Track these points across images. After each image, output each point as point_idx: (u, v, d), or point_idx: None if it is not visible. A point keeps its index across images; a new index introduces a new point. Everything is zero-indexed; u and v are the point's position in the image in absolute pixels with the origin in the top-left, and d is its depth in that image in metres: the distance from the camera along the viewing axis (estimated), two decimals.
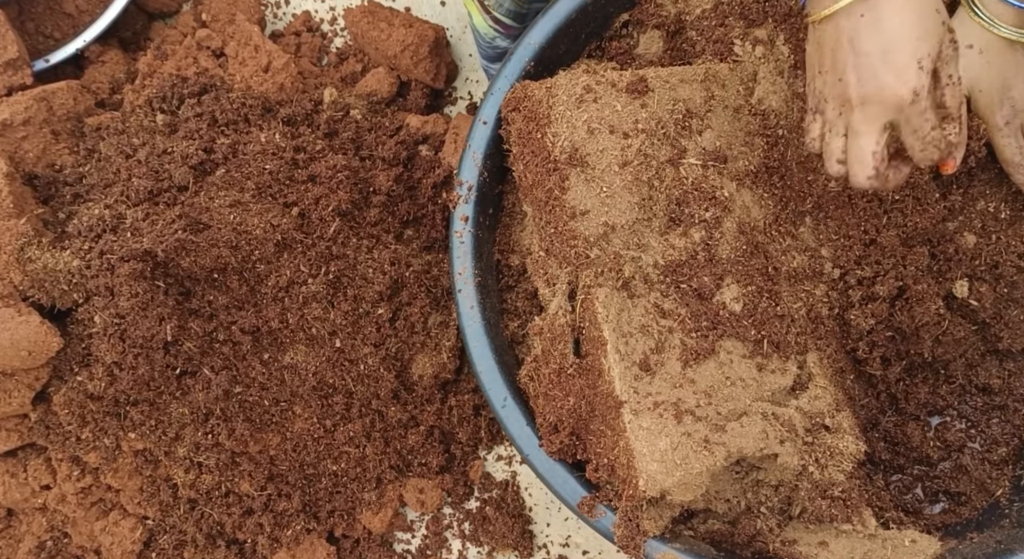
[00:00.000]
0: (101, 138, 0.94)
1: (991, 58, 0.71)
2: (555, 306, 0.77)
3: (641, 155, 0.76)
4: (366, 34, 1.06)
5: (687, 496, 0.68)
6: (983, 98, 0.73)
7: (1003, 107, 0.73)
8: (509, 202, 0.86)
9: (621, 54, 0.87)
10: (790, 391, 0.75)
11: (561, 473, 0.74)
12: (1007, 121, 0.73)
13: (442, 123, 1.05)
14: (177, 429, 0.86)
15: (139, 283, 0.77)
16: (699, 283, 0.76)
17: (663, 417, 0.69)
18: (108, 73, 1.04)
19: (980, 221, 0.79)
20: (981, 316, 0.78)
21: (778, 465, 0.70)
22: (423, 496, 0.96)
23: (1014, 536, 0.69)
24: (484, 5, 0.90)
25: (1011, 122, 0.73)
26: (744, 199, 0.78)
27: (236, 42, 1.02)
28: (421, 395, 0.95)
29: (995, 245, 0.79)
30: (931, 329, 0.76)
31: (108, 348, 0.79)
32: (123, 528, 0.91)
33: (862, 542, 0.72)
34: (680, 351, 0.73)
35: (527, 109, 0.78)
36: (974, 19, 0.71)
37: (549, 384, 0.75)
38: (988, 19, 0.70)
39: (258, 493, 0.90)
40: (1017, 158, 0.74)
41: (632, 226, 0.76)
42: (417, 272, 0.96)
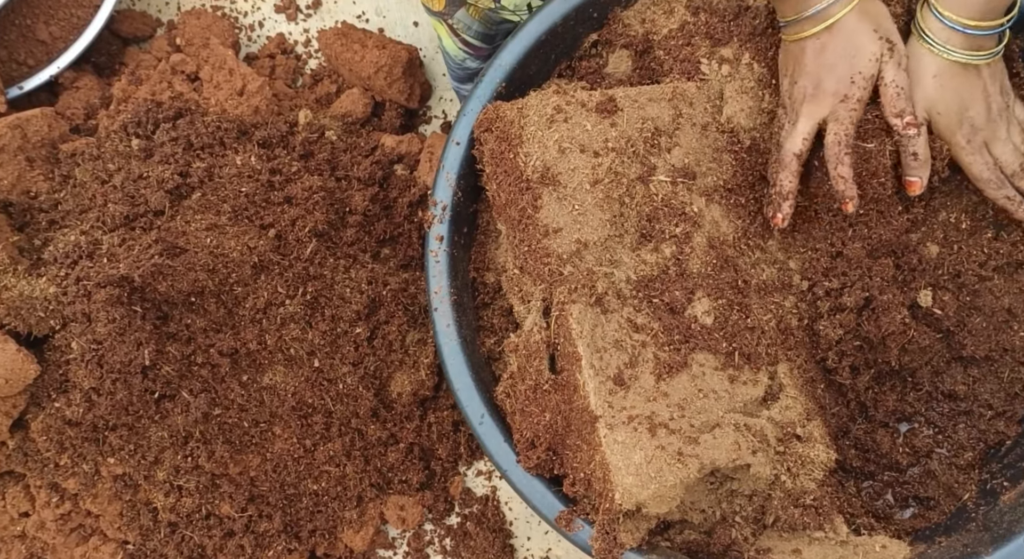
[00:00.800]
0: (76, 164, 0.95)
1: (945, 81, 0.74)
2: (530, 323, 0.78)
3: (612, 173, 0.77)
4: (340, 56, 1.07)
5: (662, 508, 0.69)
6: (942, 120, 0.75)
7: (963, 127, 0.75)
8: (484, 221, 0.88)
9: (591, 73, 0.88)
10: (762, 402, 0.76)
11: (539, 488, 0.75)
12: (968, 140, 0.75)
13: (417, 142, 1.06)
14: (156, 453, 0.86)
15: (116, 309, 0.78)
16: (671, 297, 0.77)
17: (637, 431, 0.70)
18: (82, 99, 1.05)
19: (942, 232, 0.82)
20: (945, 324, 0.80)
21: (751, 475, 0.72)
22: (404, 513, 0.96)
23: (980, 539, 0.71)
24: (453, 28, 0.91)
25: (972, 140, 0.75)
26: (713, 214, 0.80)
27: (210, 66, 1.03)
28: (400, 413, 0.96)
29: (957, 255, 0.81)
30: (897, 338, 0.78)
31: (86, 374, 0.79)
32: (103, 553, 0.91)
33: (834, 548, 0.73)
34: (653, 365, 0.74)
35: (499, 129, 0.79)
36: (925, 46, 0.74)
37: (525, 400, 0.76)
38: (939, 46, 0.73)
39: (239, 515, 0.90)
40: (986, 174, 0.77)
41: (604, 243, 0.77)
42: (394, 291, 0.97)
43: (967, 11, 0.71)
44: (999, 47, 0.74)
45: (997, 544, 0.68)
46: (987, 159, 0.76)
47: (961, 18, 0.71)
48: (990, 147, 0.76)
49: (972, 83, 0.74)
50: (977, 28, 0.71)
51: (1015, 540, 0.68)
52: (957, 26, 0.71)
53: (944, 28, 0.72)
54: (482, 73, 0.84)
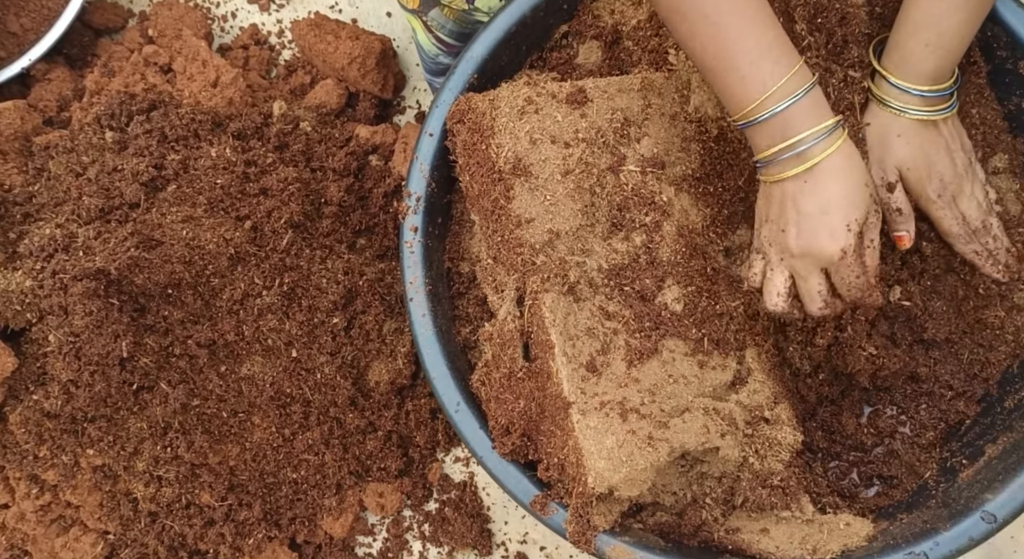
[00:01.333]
0: (50, 157, 0.95)
1: (910, 139, 0.77)
2: (504, 312, 0.79)
3: (582, 163, 0.79)
4: (313, 47, 1.07)
5: (634, 491, 0.70)
6: (913, 175, 0.78)
7: (932, 181, 0.78)
8: (458, 211, 0.89)
9: (562, 64, 0.89)
10: (730, 386, 0.78)
11: (514, 473, 0.76)
12: (939, 194, 0.78)
13: (391, 133, 1.07)
14: (136, 444, 0.87)
15: (93, 301, 0.78)
16: (641, 285, 0.79)
17: (609, 416, 0.72)
18: (55, 91, 1.04)
19: None
20: (914, 312, 0.83)
21: (720, 457, 0.74)
22: (383, 500, 0.98)
23: (939, 515, 0.73)
24: (427, 25, 0.92)
25: (943, 195, 0.79)
26: (682, 203, 0.82)
27: (183, 57, 1.03)
28: (378, 401, 0.97)
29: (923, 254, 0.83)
30: (866, 370, 0.81)
31: (63, 366, 0.80)
32: (84, 544, 0.92)
33: (800, 527, 0.75)
34: (625, 351, 0.76)
35: (471, 121, 0.80)
36: (886, 111, 0.77)
37: (500, 388, 0.78)
38: (898, 108, 0.76)
39: (219, 503, 0.91)
40: (956, 228, 0.80)
41: (576, 232, 0.79)
42: (371, 281, 0.97)
43: (917, 79, 0.75)
44: (953, 102, 0.78)
45: (955, 520, 0.71)
46: (956, 214, 0.79)
47: (913, 85, 0.75)
48: (957, 202, 0.79)
49: (934, 139, 0.78)
50: (929, 91, 0.75)
51: (971, 515, 0.70)
52: (912, 91, 0.75)
53: (900, 93, 0.76)
54: (454, 65, 0.84)
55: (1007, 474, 0.72)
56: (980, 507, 0.71)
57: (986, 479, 0.74)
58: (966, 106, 0.83)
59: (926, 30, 0.73)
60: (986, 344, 0.84)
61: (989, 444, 0.79)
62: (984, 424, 0.82)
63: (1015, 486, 0.71)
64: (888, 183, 0.78)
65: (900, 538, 0.72)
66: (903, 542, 0.71)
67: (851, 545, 0.73)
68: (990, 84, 0.84)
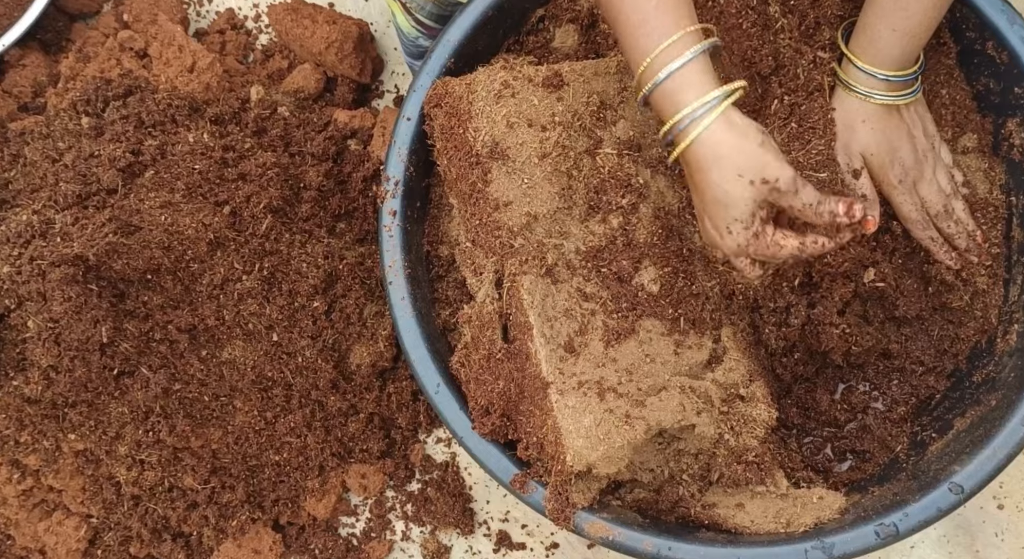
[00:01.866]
0: (26, 143, 0.94)
1: (874, 124, 0.78)
2: (483, 294, 0.80)
3: (559, 147, 0.79)
4: (290, 31, 1.07)
5: (611, 468, 0.72)
6: (875, 160, 0.79)
7: (894, 166, 0.79)
8: (436, 195, 0.89)
9: (538, 48, 0.90)
10: (706, 365, 0.80)
11: (494, 453, 0.77)
12: (900, 180, 0.79)
13: (370, 117, 1.07)
14: (117, 428, 0.87)
15: (71, 287, 0.78)
16: (619, 267, 0.80)
17: (587, 395, 0.73)
18: (30, 76, 1.04)
19: None
20: (887, 291, 0.84)
21: (696, 434, 0.75)
22: (366, 481, 0.99)
23: (908, 487, 0.75)
24: (406, 6, 0.92)
25: (904, 180, 0.80)
26: (658, 185, 0.83)
27: (159, 42, 1.02)
28: (360, 384, 0.98)
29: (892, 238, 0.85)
30: (839, 348, 0.82)
31: (43, 352, 0.80)
32: (67, 527, 0.92)
33: (775, 501, 0.77)
34: (602, 332, 0.77)
35: (448, 105, 0.81)
36: (852, 95, 0.78)
37: (479, 369, 0.79)
38: (863, 93, 0.77)
39: (202, 486, 0.92)
40: (914, 215, 0.81)
41: (553, 215, 0.79)
42: (351, 264, 0.98)
43: (883, 63, 0.76)
44: (917, 87, 0.79)
45: (923, 491, 0.73)
46: (915, 200, 0.81)
47: (879, 69, 0.76)
48: (917, 187, 0.81)
49: (897, 124, 0.79)
50: (894, 76, 0.76)
51: (940, 487, 0.72)
52: (878, 75, 0.76)
53: (866, 77, 0.77)
54: (431, 49, 0.85)
55: (974, 446, 0.74)
56: (948, 478, 0.73)
57: (954, 451, 0.76)
58: (936, 87, 0.85)
59: (893, 14, 0.74)
60: (955, 321, 0.86)
61: (958, 418, 0.81)
62: (953, 398, 0.84)
63: (982, 458, 0.73)
64: (854, 170, 0.79)
65: (871, 510, 0.73)
66: (874, 514, 0.73)
67: (824, 518, 0.75)
68: (959, 65, 0.85)
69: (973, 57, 0.84)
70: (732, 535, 0.76)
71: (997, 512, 0.95)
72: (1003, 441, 0.73)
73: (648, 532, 0.74)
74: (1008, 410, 0.74)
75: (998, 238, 0.84)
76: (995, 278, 0.84)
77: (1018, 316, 0.82)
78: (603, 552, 0.98)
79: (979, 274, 0.84)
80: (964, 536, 0.95)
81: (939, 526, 0.95)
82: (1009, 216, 0.85)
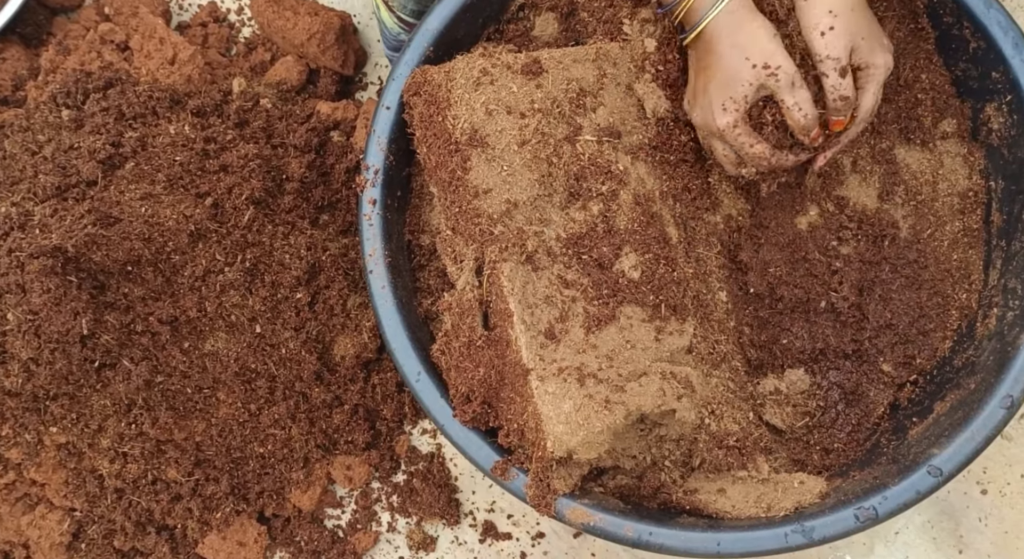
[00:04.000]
0: (5, 136, 0.94)
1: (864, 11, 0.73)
2: (463, 282, 0.80)
3: (539, 134, 0.79)
4: (272, 23, 1.07)
5: (591, 454, 0.72)
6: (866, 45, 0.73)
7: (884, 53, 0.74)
8: (417, 184, 0.89)
9: (518, 36, 0.90)
10: (687, 351, 0.80)
11: (475, 440, 0.77)
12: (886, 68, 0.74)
13: (352, 109, 1.07)
14: (100, 421, 0.87)
15: (50, 279, 0.78)
16: (599, 253, 0.80)
17: (567, 381, 0.73)
18: (9, 70, 1.03)
19: None
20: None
21: (677, 420, 0.75)
22: (351, 472, 0.99)
23: (888, 471, 0.75)
24: (389, 5, 0.92)
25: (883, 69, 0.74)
26: (639, 171, 0.82)
27: (140, 35, 1.02)
28: (344, 375, 0.98)
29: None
30: None
31: (23, 345, 0.80)
32: (50, 521, 0.92)
33: (756, 486, 0.77)
34: (583, 319, 0.77)
35: (427, 93, 0.81)
36: None
37: (460, 357, 0.79)
38: None
39: (185, 479, 0.91)
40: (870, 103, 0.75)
41: (534, 202, 0.79)
42: (334, 256, 0.98)
43: None
44: None
45: (903, 475, 0.73)
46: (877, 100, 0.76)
47: None
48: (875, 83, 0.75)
49: (873, 17, 0.75)
50: None
51: (919, 470, 0.73)
52: None
53: None
54: (410, 38, 0.85)
55: (953, 429, 0.74)
56: (927, 462, 0.73)
57: (934, 435, 0.76)
58: (915, 72, 0.85)
59: None
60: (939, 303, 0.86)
61: (938, 402, 0.81)
62: (935, 383, 0.85)
63: (960, 441, 0.73)
64: (842, 67, 0.73)
65: (851, 494, 0.74)
66: (853, 497, 0.73)
67: (804, 502, 0.75)
68: (938, 50, 0.85)
69: (951, 42, 0.84)
70: (713, 520, 0.76)
71: (980, 497, 0.95)
72: (981, 423, 0.73)
73: (629, 517, 0.74)
74: (986, 393, 0.75)
75: (978, 223, 0.84)
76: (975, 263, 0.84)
77: (997, 300, 0.82)
78: (589, 540, 0.98)
79: None
80: (948, 521, 0.95)
81: (923, 512, 0.95)
82: (988, 201, 0.85)
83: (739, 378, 0.84)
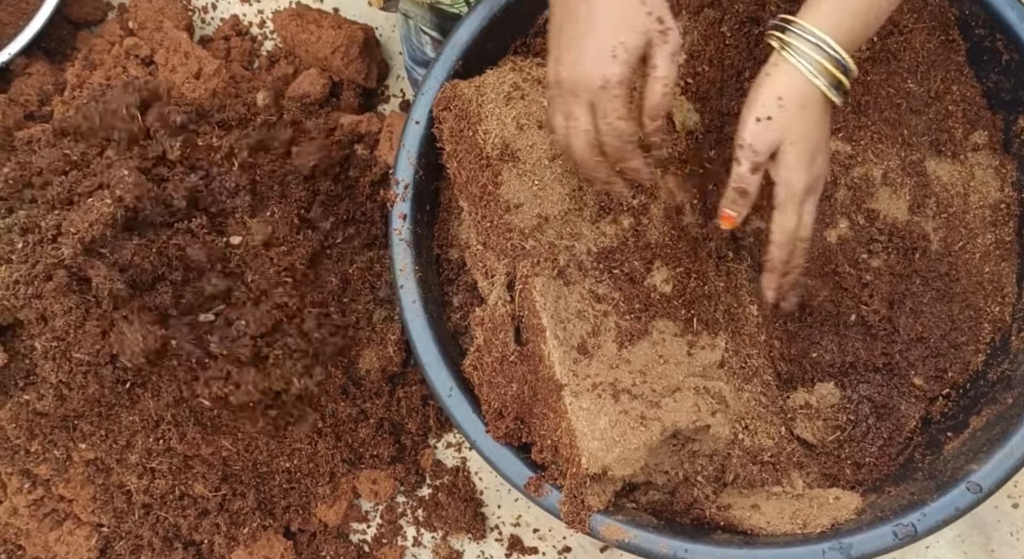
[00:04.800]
0: (33, 151, 0.94)
1: (810, 111, 0.67)
2: (495, 297, 0.80)
3: None
4: (296, 37, 1.07)
5: (627, 470, 0.71)
6: (791, 156, 0.67)
7: (809, 172, 0.68)
8: (445, 198, 0.89)
9: (545, 50, 0.89)
10: (719, 365, 0.79)
11: (508, 456, 0.77)
12: (808, 190, 0.68)
13: (376, 122, 1.07)
14: (128, 437, 0.87)
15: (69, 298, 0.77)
16: (630, 268, 0.79)
17: (601, 397, 0.72)
18: (36, 85, 1.04)
19: None
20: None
21: (711, 435, 0.75)
22: (376, 487, 0.98)
23: (926, 487, 0.74)
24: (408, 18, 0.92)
25: (809, 193, 0.69)
26: (668, 185, 0.82)
27: (165, 49, 1.02)
28: (369, 389, 0.97)
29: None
30: None
31: (53, 368, 0.79)
32: (78, 537, 0.92)
33: (790, 502, 0.77)
34: (615, 333, 0.77)
35: (458, 108, 0.80)
36: (791, 62, 0.66)
37: (492, 372, 0.78)
38: (806, 66, 0.66)
39: (212, 494, 0.91)
40: (788, 230, 0.69)
41: (564, 216, 0.79)
42: (360, 269, 0.98)
43: (836, 30, 0.65)
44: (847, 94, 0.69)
45: (941, 491, 0.72)
46: (798, 216, 0.69)
47: (827, 36, 0.65)
48: (805, 204, 0.69)
49: (825, 127, 0.68)
50: (839, 55, 0.66)
51: (957, 486, 0.72)
52: (823, 44, 0.66)
53: (811, 47, 0.66)
54: (438, 52, 0.85)
55: (991, 445, 0.74)
56: (966, 478, 0.72)
57: (971, 450, 0.76)
58: (946, 84, 0.85)
59: None
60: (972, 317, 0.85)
61: (974, 416, 0.80)
62: (969, 397, 0.84)
63: (999, 456, 0.72)
64: (755, 163, 0.67)
65: (888, 510, 0.73)
66: (891, 514, 0.72)
67: (840, 518, 0.75)
68: (968, 61, 0.85)
69: (983, 54, 0.84)
70: (748, 536, 0.76)
71: (1012, 511, 0.94)
72: (1021, 439, 0.73)
73: (664, 534, 0.73)
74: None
75: (1011, 236, 0.84)
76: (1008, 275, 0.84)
77: None
78: (616, 555, 0.98)
79: None
80: (979, 536, 0.95)
81: (954, 526, 0.93)
82: (1022, 213, 0.84)
83: (771, 392, 0.84)
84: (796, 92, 0.66)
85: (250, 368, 0.82)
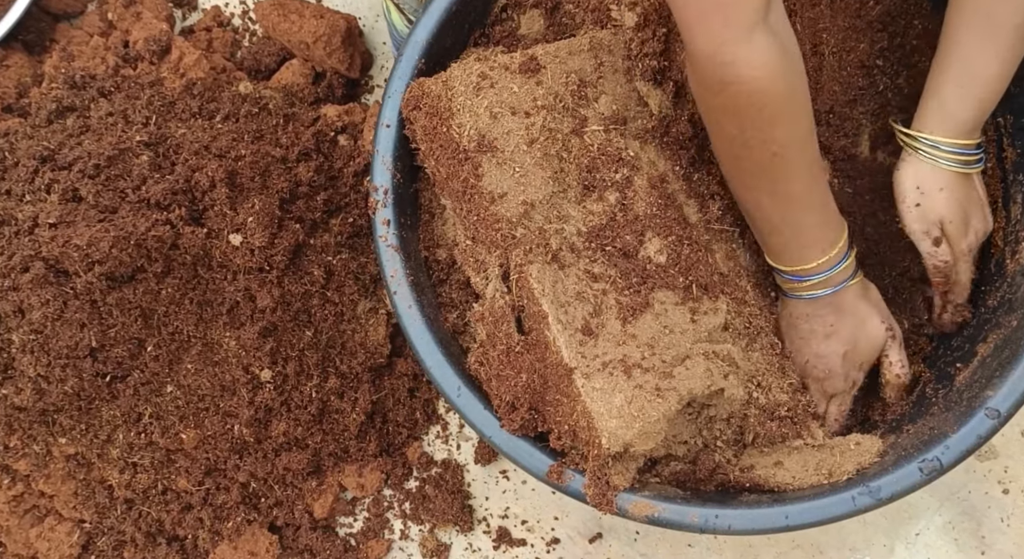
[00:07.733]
0: (10, 144, 0.92)
1: (951, 193, 0.79)
2: (491, 290, 0.79)
3: (545, 131, 0.78)
4: (277, 27, 1.05)
5: (649, 444, 0.71)
6: (952, 229, 0.80)
7: (968, 235, 0.81)
8: (426, 199, 0.88)
9: (505, 37, 0.89)
10: (724, 328, 0.79)
11: (526, 448, 0.76)
12: (971, 248, 0.81)
13: (359, 112, 1.05)
14: (109, 431, 0.85)
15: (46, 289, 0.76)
16: (623, 242, 0.79)
17: (613, 375, 0.72)
18: (13, 77, 1.02)
19: None
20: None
21: (726, 398, 0.74)
22: (363, 480, 0.97)
23: (944, 420, 0.74)
24: (399, 6, 0.91)
25: (973, 248, 0.82)
26: (649, 155, 0.82)
27: (145, 41, 1.02)
28: (355, 381, 0.96)
29: None
30: None
31: (31, 362, 0.77)
32: (59, 533, 0.90)
33: (813, 454, 0.77)
34: (617, 310, 0.76)
35: (428, 106, 0.79)
36: (926, 162, 0.78)
37: (499, 365, 0.78)
38: (942, 161, 0.78)
39: (196, 488, 0.89)
40: (965, 279, 0.83)
41: (550, 200, 0.79)
42: (344, 260, 0.96)
43: (956, 133, 0.77)
44: (983, 155, 0.81)
45: (960, 421, 0.72)
46: (971, 268, 0.83)
47: (950, 139, 0.77)
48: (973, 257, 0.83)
49: (970, 193, 0.80)
50: (965, 147, 0.78)
51: (976, 414, 0.72)
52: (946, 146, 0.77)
53: (937, 150, 0.78)
54: (399, 53, 0.83)
55: (1003, 368, 0.73)
56: (983, 404, 0.72)
57: (983, 377, 0.76)
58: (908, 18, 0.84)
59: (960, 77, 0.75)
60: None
61: (979, 344, 0.81)
62: (972, 327, 0.84)
63: (1014, 379, 0.72)
64: (934, 238, 0.80)
65: (911, 448, 0.73)
66: (914, 452, 0.72)
67: (865, 463, 0.75)
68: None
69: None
70: (776, 494, 0.76)
71: (1002, 497, 0.94)
72: None
73: (692, 503, 0.73)
74: None
75: (991, 160, 0.84)
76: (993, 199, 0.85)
77: (1023, 234, 0.82)
78: (604, 545, 0.97)
79: None
80: (969, 522, 0.94)
81: (944, 512, 0.94)
82: (999, 137, 0.85)
83: (778, 347, 0.84)
84: (927, 179, 0.79)
85: None
